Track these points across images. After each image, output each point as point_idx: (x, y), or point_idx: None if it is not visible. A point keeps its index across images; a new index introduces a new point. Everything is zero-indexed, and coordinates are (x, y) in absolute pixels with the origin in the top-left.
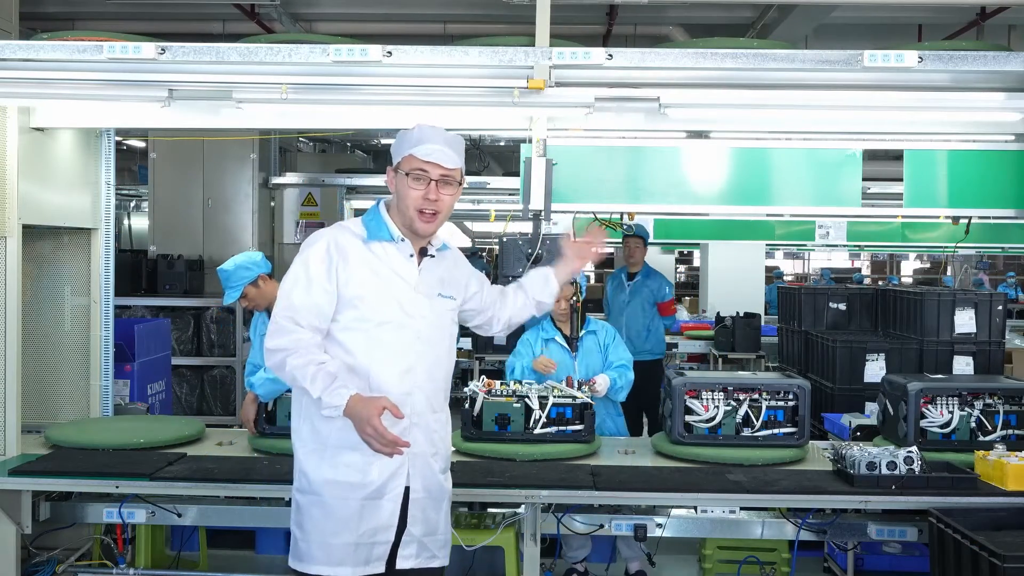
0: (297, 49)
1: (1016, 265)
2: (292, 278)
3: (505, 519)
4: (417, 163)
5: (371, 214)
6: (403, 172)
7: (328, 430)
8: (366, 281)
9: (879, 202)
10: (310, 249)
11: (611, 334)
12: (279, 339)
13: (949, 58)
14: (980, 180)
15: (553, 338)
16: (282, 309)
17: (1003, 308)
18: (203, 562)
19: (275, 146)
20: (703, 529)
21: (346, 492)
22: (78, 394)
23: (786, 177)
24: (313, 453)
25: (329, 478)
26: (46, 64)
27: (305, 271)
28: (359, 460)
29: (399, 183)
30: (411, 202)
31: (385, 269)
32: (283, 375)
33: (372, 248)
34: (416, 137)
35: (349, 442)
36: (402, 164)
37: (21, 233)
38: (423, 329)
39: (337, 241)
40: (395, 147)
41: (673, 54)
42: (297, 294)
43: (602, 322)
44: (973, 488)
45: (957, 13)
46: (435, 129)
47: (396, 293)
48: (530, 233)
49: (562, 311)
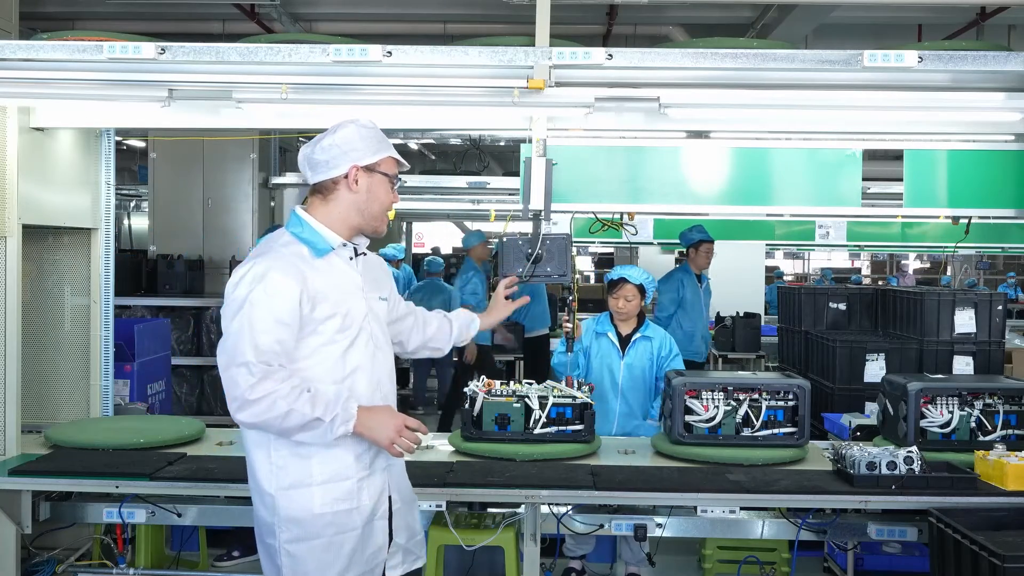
0: (297, 49)
1: (1016, 265)
2: (249, 319)
3: (505, 519)
4: (396, 167)
5: (301, 226)
6: (380, 172)
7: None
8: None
9: (879, 202)
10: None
11: (669, 346)
12: (263, 385)
13: (949, 58)
14: (980, 180)
15: (606, 333)
16: (251, 355)
17: (1003, 308)
18: (203, 562)
19: (275, 146)
20: (703, 529)
21: (345, 524)
22: (78, 394)
23: (786, 177)
24: (298, 494)
25: (325, 513)
26: (46, 64)
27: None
28: (350, 487)
29: (374, 183)
30: (385, 204)
31: (340, 282)
32: (271, 419)
33: (319, 265)
34: (384, 138)
35: (335, 473)
36: (381, 165)
37: (21, 233)
38: (377, 335)
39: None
40: (367, 143)
41: (673, 54)
42: (261, 336)
43: (662, 331)
44: (973, 488)
45: (957, 13)
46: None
47: (352, 305)
48: (530, 233)
49: (620, 309)
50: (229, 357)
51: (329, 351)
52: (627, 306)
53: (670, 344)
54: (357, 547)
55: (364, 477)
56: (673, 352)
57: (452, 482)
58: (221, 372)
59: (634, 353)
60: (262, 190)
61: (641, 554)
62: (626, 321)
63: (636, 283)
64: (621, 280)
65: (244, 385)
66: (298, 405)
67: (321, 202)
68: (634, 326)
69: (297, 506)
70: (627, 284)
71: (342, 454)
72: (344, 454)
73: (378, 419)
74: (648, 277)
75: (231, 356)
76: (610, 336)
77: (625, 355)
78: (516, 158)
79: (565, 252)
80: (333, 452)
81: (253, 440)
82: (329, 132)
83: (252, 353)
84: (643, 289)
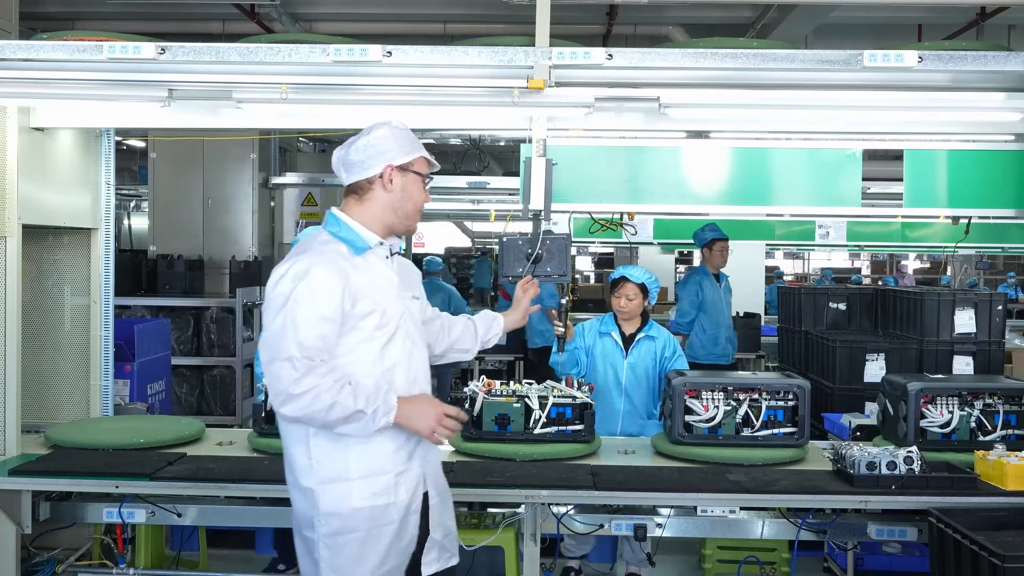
0: (297, 49)
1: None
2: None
3: (505, 519)
4: (429, 167)
5: (336, 224)
6: (414, 171)
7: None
8: (368, 300)
9: (879, 202)
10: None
11: (672, 346)
12: (307, 380)
13: (949, 58)
14: (980, 180)
15: (610, 333)
16: (295, 350)
17: (1003, 308)
18: (203, 562)
19: (275, 146)
20: (703, 529)
21: (383, 518)
22: (78, 394)
23: (786, 177)
24: (337, 487)
25: (363, 507)
26: (46, 64)
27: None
28: (387, 482)
29: (408, 182)
30: (419, 202)
31: (379, 280)
32: (315, 412)
33: (357, 262)
34: (416, 139)
35: (373, 467)
36: (414, 164)
37: (21, 233)
38: (412, 333)
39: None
40: (399, 143)
41: (673, 54)
42: (305, 332)
43: (665, 331)
44: (973, 488)
45: (957, 13)
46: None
47: (389, 303)
48: (530, 233)
49: (622, 308)
50: (273, 352)
51: (368, 348)
52: (629, 305)
53: (674, 345)
54: (393, 541)
55: (401, 472)
56: (676, 353)
57: (452, 482)
58: (264, 367)
59: (638, 353)
60: (262, 190)
61: (642, 554)
62: (629, 321)
63: (638, 282)
64: (623, 279)
65: (288, 380)
66: (341, 398)
67: (356, 202)
68: (638, 326)
69: (335, 500)
70: (628, 283)
71: (380, 449)
72: (382, 449)
73: (417, 409)
74: (650, 276)
75: (275, 351)
76: (614, 336)
77: (629, 355)
78: (516, 158)
79: (565, 252)
80: (371, 447)
81: (292, 435)
82: (363, 133)
83: (296, 348)
84: (645, 288)
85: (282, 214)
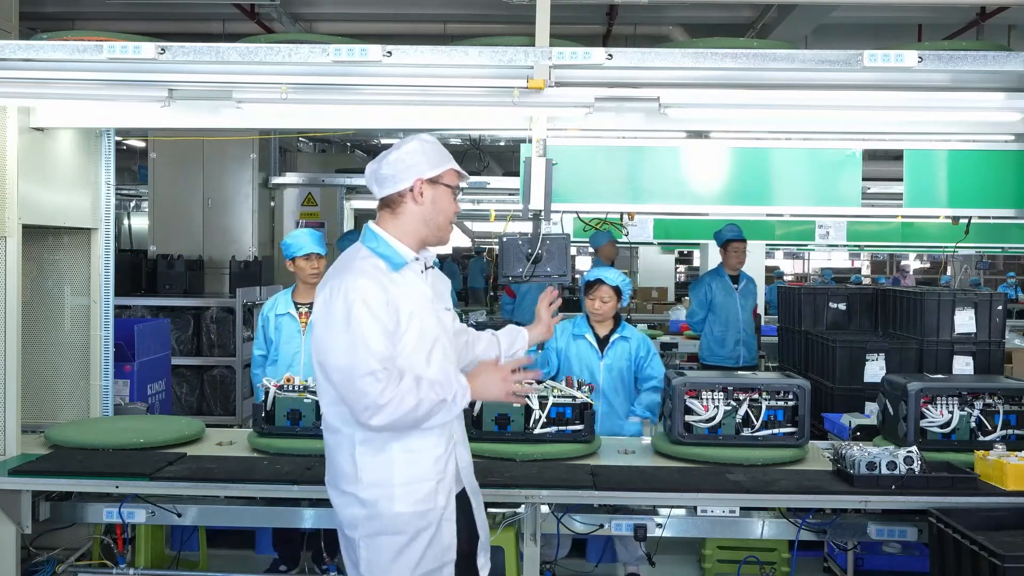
0: (297, 49)
1: (1016, 265)
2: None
3: (505, 519)
4: (458, 179)
5: (375, 240)
6: (444, 184)
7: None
8: (406, 314)
9: (879, 202)
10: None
11: (646, 347)
12: (390, 388)
13: (949, 58)
14: (980, 180)
15: (583, 335)
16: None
17: (1003, 308)
18: (203, 562)
19: (275, 146)
20: (703, 529)
21: (422, 523)
22: (78, 394)
23: (786, 177)
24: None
25: (404, 512)
26: (46, 64)
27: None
28: (429, 489)
29: (439, 195)
30: (449, 214)
31: (414, 294)
32: (403, 415)
33: (395, 278)
34: (446, 152)
35: (416, 475)
36: (443, 177)
37: (21, 233)
38: (447, 346)
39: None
40: (430, 158)
41: (673, 54)
42: (375, 344)
43: (638, 332)
44: (973, 488)
45: (957, 13)
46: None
47: (425, 318)
48: (530, 233)
49: (596, 310)
50: (350, 370)
51: (410, 363)
52: (603, 307)
53: (648, 345)
54: (431, 544)
55: (441, 480)
56: (651, 353)
57: None
58: (343, 388)
59: (613, 354)
60: (262, 190)
61: (639, 552)
62: (602, 323)
63: (613, 285)
64: (598, 281)
65: (374, 392)
66: (423, 395)
67: (390, 216)
68: (611, 327)
69: (378, 505)
70: (603, 286)
71: (422, 458)
72: (424, 458)
73: (485, 379)
74: (625, 279)
75: (352, 368)
76: (588, 338)
77: (604, 356)
78: (516, 158)
79: (565, 252)
80: (413, 456)
81: (338, 444)
82: (394, 148)
83: (376, 362)
84: (619, 291)
85: (282, 214)
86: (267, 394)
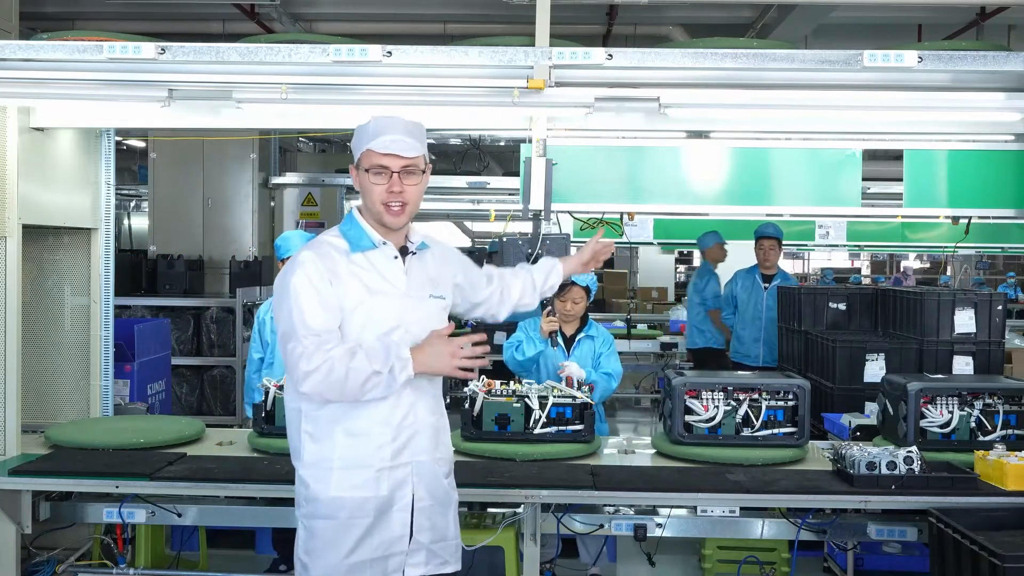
0: (297, 49)
1: (1016, 265)
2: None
3: (505, 519)
4: (376, 158)
5: (348, 222)
6: (363, 168)
7: (332, 450)
8: (361, 297)
9: (879, 202)
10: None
11: (607, 343)
12: (317, 355)
13: (949, 58)
14: (980, 180)
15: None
16: (301, 330)
17: (1003, 308)
18: (203, 562)
19: (275, 146)
20: (703, 529)
21: (358, 510)
22: (78, 394)
23: (786, 177)
24: (320, 474)
25: (340, 496)
26: (46, 64)
27: (310, 291)
28: (368, 476)
29: (362, 180)
30: (376, 198)
31: (375, 279)
32: (332, 384)
33: (356, 260)
34: (372, 130)
35: (355, 460)
36: (362, 160)
37: (21, 233)
38: (419, 334)
39: (323, 260)
40: (354, 143)
41: (673, 54)
42: (308, 314)
43: (603, 329)
44: (973, 488)
45: (957, 13)
46: (392, 119)
47: (390, 302)
48: (530, 233)
49: (567, 311)
50: (285, 336)
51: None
52: (575, 308)
53: (609, 341)
54: (366, 534)
55: (385, 468)
56: (610, 348)
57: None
58: (283, 355)
59: (580, 353)
60: (262, 190)
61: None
62: (570, 323)
63: (583, 285)
64: (570, 283)
65: (299, 357)
66: (354, 364)
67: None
68: (577, 327)
69: (318, 485)
70: (575, 287)
71: (363, 443)
72: (366, 443)
73: (431, 352)
74: (592, 279)
75: (286, 334)
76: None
77: (571, 355)
78: (516, 158)
79: (565, 252)
80: (355, 440)
81: (290, 420)
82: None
83: (303, 329)
84: (589, 291)
85: (282, 214)
86: (267, 394)
